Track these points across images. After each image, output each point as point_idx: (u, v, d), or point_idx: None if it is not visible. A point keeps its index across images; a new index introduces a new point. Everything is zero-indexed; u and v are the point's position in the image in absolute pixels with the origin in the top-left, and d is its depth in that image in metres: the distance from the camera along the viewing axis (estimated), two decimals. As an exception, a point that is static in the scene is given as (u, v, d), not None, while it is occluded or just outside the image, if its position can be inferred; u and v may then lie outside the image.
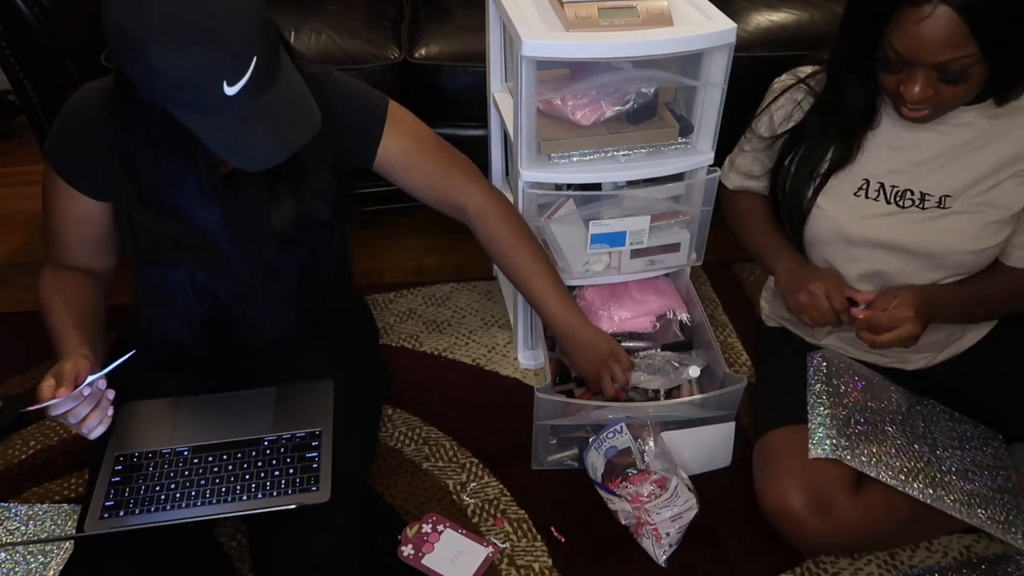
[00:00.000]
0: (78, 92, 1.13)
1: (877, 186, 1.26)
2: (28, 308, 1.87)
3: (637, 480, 1.33)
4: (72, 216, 1.17)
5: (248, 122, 0.95)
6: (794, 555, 1.33)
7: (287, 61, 1.01)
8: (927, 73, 1.08)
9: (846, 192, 1.27)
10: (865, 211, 1.26)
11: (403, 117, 1.27)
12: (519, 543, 1.37)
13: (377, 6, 2.06)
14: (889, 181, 1.25)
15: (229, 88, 0.91)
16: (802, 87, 1.31)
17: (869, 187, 1.26)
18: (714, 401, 1.40)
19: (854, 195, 1.27)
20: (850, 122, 1.25)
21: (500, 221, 1.33)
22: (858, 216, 1.26)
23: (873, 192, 1.26)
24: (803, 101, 1.31)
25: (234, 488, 1.15)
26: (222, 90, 0.91)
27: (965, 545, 1.35)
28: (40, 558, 1.30)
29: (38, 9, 1.73)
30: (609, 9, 1.30)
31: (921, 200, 1.23)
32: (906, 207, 1.24)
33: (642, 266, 1.57)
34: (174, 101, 0.93)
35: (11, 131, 2.55)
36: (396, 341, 1.79)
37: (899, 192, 1.24)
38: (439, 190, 1.31)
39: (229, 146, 0.97)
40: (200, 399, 1.27)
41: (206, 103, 0.92)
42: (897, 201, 1.25)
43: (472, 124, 1.90)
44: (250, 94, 0.93)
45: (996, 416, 1.38)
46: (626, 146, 1.44)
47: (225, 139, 0.96)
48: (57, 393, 0.99)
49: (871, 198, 1.26)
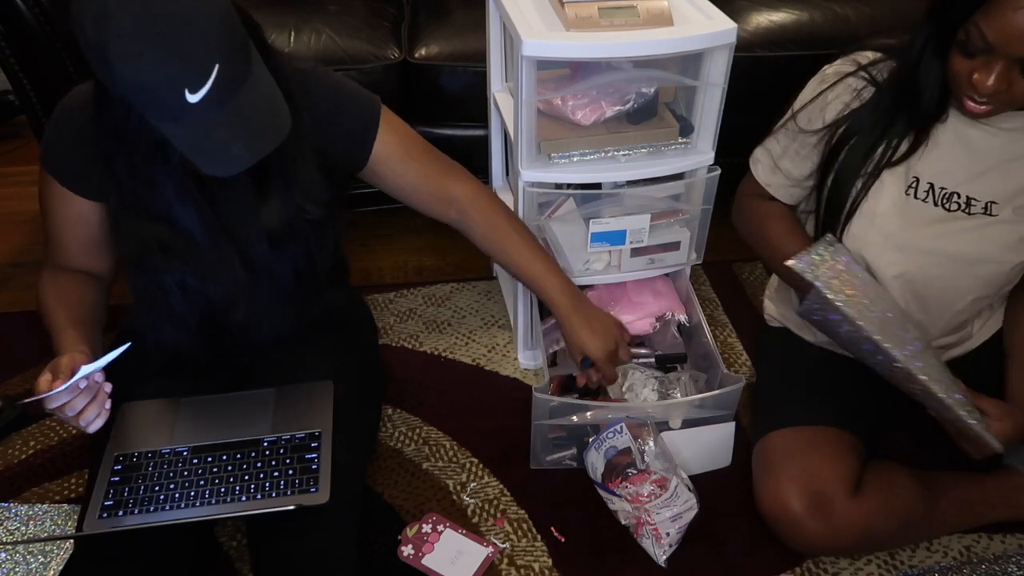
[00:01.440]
0: (69, 94, 1.14)
1: (927, 186, 1.21)
2: (28, 308, 1.86)
3: (637, 480, 1.33)
4: (68, 218, 1.17)
5: (213, 128, 0.95)
6: (794, 555, 1.33)
7: (259, 64, 1.00)
8: (1008, 65, 1.04)
9: (896, 190, 1.22)
10: (912, 212, 1.22)
11: (393, 117, 1.27)
12: (519, 543, 1.37)
13: (377, 6, 2.06)
14: (939, 182, 1.20)
15: (191, 96, 0.91)
16: (862, 75, 1.23)
17: (919, 186, 1.21)
18: (713, 401, 1.40)
19: (904, 194, 1.22)
20: (922, 112, 1.18)
21: (490, 208, 1.33)
22: (905, 217, 1.22)
23: (923, 192, 1.21)
24: (863, 90, 1.23)
25: (233, 489, 1.15)
26: (184, 97, 0.91)
27: (965, 545, 1.35)
28: (40, 558, 1.30)
29: (38, 9, 1.73)
30: (609, 9, 1.30)
31: (967, 205, 1.20)
32: (952, 211, 1.20)
33: (642, 265, 1.57)
34: (141, 105, 0.94)
35: (11, 131, 2.55)
36: (396, 341, 1.79)
37: (947, 195, 1.20)
38: (430, 186, 1.31)
39: (196, 151, 0.97)
40: (200, 400, 1.27)
41: (169, 109, 0.92)
42: (944, 204, 1.21)
43: (472, 124, 1.90)
44: (214, 101, 0.93)
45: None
46: (626, 146, 1.44)
47: (192, 144, 0.96)
48: (53, 385, 0.99)
49: (920, 199, 1.22)
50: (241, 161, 0.98)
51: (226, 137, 0.96)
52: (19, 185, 2.35)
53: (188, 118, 0.93)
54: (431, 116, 1.96)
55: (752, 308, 1.83)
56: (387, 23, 2.00)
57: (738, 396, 1.40)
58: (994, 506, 1.32)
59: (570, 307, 1.31)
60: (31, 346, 1.74)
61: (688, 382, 1.48)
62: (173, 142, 0.96)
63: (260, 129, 0.99)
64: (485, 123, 1.79)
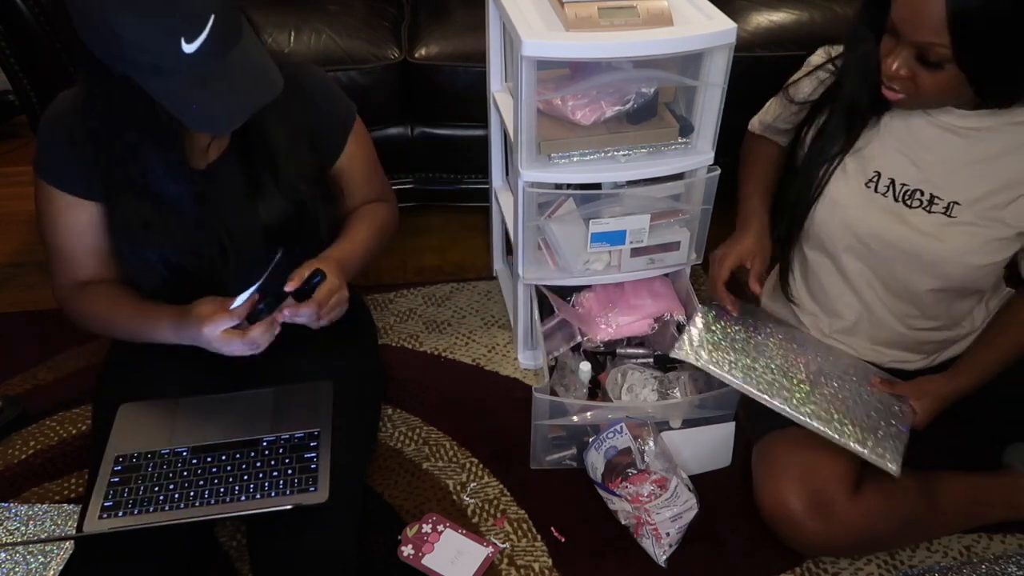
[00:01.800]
0: (51, 105, 1.15)
1: (888, 181, 1.24)
2: (28, 308, 1.87)
3: (637, 480, 1.33)
4: (77, 227, 1.18)
5: (208, 82, 0.97)
6: (794, 555, 1.33)
7: (248, 30, 1.04)
8: (909, 52, 1.08)
9: (856, 181, 1.26)
10: (871, 204, 1.25)
11: (365, 132, 1.34)
12: (519, 543, 1.37)
13: (377, 6, 2.06)
14: (900, 178, 1.23)
15: (188, 45, 0.94)
16: (829, 67, 1.30)
17: (880, 181, 1.25)
18: (712, 401, 1.40)
19: (864, 186, 1.26)
20: (856, 101, 1.22)
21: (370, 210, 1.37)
22: (863, 208, 1.25)
23: (883, 187, 1.25)
24: (826, 80, 1.31)
25: (233, 489, 1.15)
26: (180, 47, 0.94)
27: (965, 545, 1.35)
28: (40, 558, 1.30)
29: (38, 9, 1.73)
30: (609, 9, 1.29)
31: (930, 203, 1.21)
32: (912, 207, 1.23)
33: (642, 265, 1.57)
34: (137, 65, 0.96)
35: (11, 131, 2.55)
36: (396, 341, 1.79)
37: (908, 191, 1.23)
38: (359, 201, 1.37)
39: (189, 109, 0.99)
40: (199, 400, 1.27)
41: (167, 63, 0.95)
42: (905, 200, 1.23)
43: (472, 124, 1.90)
44: (209, 53, 0.96)
45: (996, 416, 1.38)
46: (626, 146, 1.44)
47: (185, 101, 0.98)
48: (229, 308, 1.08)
49: (880, 192, 1.25)
50: (236, 117, 1.01)
51: (222, 89, 0.98)
52: (19, 185, 2.35)
53: (183, 70, 0.96)
54: (431, 116, 1.96)
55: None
56: (387, 23, 2.00)
57: (738, 396, 1.40)
58: (994, 506, 1.32)
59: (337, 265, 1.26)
60: (31, 346, 1.75)
61: (688, 382, 1.48)
62: (166, 101, 0.98)
63: (253, 86, 1.02)
64: (485, 123, 1.78)
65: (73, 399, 1.63)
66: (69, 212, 1.17)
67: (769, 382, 1.28)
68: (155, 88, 0.97)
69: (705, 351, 1.31)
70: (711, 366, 1.29)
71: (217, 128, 1.02)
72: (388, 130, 1.95)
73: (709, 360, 1.30)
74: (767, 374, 1.28)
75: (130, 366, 1.31)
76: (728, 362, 1.29)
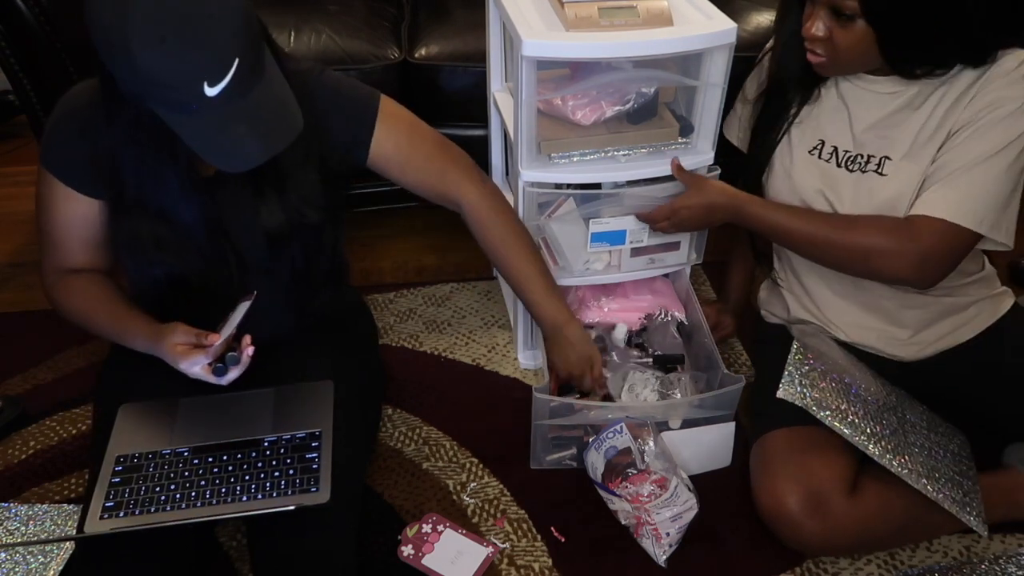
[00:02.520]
0: (68, 93, 1.14)
1: (831, 149, 1.30)
2: (28, 308, 1.87)
3: (637, 480, 1.33)
4: (71, 218, 1.18)
5: (228, 123, 0.95)
6: (794, 555, 1.33)
7: (271, 62, 1.01)
8: (826, 12, 1.15)
9: (801, 150, 1.33)
10: (818, 171, 1.31)
11: (395, 111, 1.27)
12: (519, 543, 1.37)
13: (377, 6, 2.06)
14: (841, 145, 1.29)
15: (210, 89, 0.92)
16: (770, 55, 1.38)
17: (823, 148, 1.31)
18: (712, 401, 1.40)
19: (808, 153, 1.32)
20: (789, 73, 1.31)
21: (495, 218, 1.34)
22: (812, 175, 1.32)
23: (826, 154, 1.31)
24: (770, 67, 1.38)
25: (234, 489, 1.15)
26: (203, 90, 0.91)
27: (965, 545, 1.35)
28: (40, 558, 1.30)
29: (38, 9, 1.73)
30: (609, 9, 1.30)
31: (866, 163, 1.27)
32: (852, 171, 1.28)
33: (642, 264, 1.57)
34: (155, 98, 0.94)
35: (11, 131, 2.55)
36: (396, 341, 1.79)
37: (850, 157, 1.29)
38: (433, 185, 1.32)
39: (208, 146, 0.97)
40: (200, 400, 1.27)
41: (187, 103, 0.93)
42: (848, 165, 1.29)
43: (472, 124, 1.90)
44: (231, 95, 0.93)
45: (991, 415, 1.38)
46: (626, 146, 1.44)
47: (205, 139, 0.96)
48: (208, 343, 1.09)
49: (824, 159, 1.31)
50: (254, 158, 0.99)
51: (240, 133, 0.96)
52: (19, 185, 2.35)
53: (204, 112, 0.94)
54: (431, 116, 1.93)
55: (752, 308, 1.83)
56: (387, 23, 2.00)
57: (738, 396, 1.40)
58: (994, 506, 1.32)
59: (552, 331, 1.37)
60: (31, 346, 1.75)
61: (688, 383, 1.48)
62: (185, 136, 0.96)
63: (273, 127, 1.00)
64: (485, 123, 1.79)
65: (73, 399, 1.63)
66: (67, 204, 1.17)
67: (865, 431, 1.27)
68: (176, 123, 0.96)
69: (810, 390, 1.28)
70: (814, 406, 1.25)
71: (235, 167, 1.00)
72: (388, 130, 1.95)
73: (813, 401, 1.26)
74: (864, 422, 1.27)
75: (131, 366, 1.31)
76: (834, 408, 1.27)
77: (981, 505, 1.28)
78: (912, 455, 1.26)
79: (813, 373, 1.29)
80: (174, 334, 1.11)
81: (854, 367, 1.36)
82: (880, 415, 1.29)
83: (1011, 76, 1.15)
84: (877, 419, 1.27)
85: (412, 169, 1.29)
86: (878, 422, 1.27)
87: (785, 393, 1.25)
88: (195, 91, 0.91)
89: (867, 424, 1.25)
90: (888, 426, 1.28)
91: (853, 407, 1.27)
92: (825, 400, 1.25)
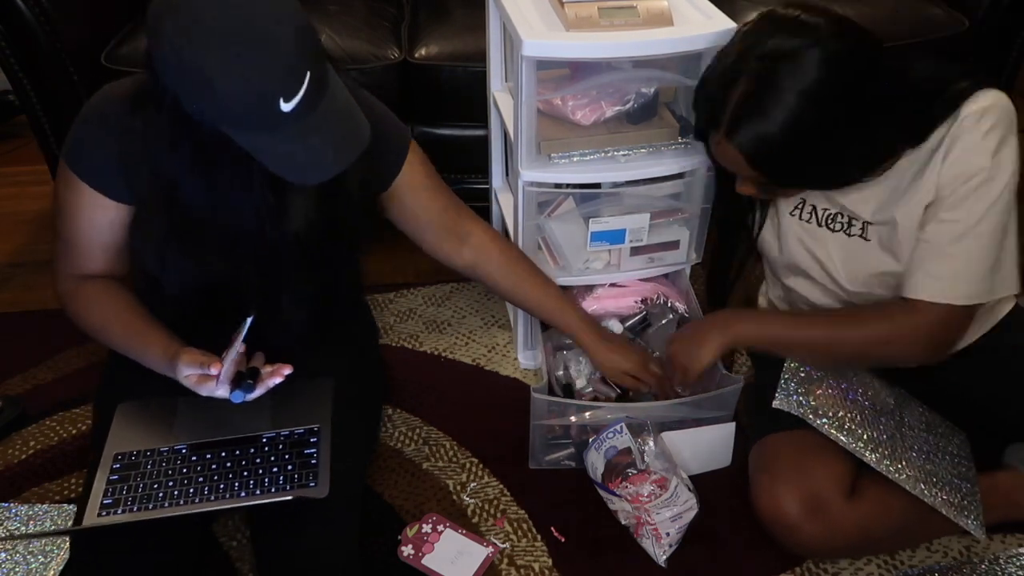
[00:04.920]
0: (97, 96, 1.12)
1: (811, 208, 1.30)
2: (28, 308, 1.87)
3: (637, 480, 1.33)
4: (98, 223, 1.16)
5: (303, 137, 0.95)
6: (794, 555, 1.33)
7: (333, 73, 1.01)
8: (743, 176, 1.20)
9: (785, 210, 1.33)
10: (801, 231, 1.32)
11: (420, 150, 1.31)
12: (519, 543, 1.37)
13: (377, 6, 2.07)
14: (819, 204, 1.29)
15: (285, 104, 0.92)
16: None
17: (804, 207, 1.31)
18: (711, 401, 1.40)
19: (791, 214, 1.32)
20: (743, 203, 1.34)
21: (507, 248, 1.40)
22: (793, 235, 1.32)
23: (806, 214, 1.30)
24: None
25: (232, 485, 1.15)
26: (279, 106, 0.91)
27: (965, 545, 1.35)
28: (40, 558, 1.30)
29: (38, 9, 1.74)
30: (609, 9, 1.30)
31: (848, 224, 1.26)
32: (835, 230, 1.28)
33: (642, 264, 1.57)
34: (231, 121, 0.94)
35: (11, 131, 2.55)
36: (396, 341, 1.79)
37: (829, 215, 1.28)
38: (447, 220, 1.35)
39: (284, 162, 0.97)
40: (199, 398, 1.26)
41: (264, 121, 0.93)
42: (829, 224, 1.28)
43: (472, 124, 1.90)
44: (304, 108, 0.93)
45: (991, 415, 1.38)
46: (626, 146, 1.44)
47: (280, 155, 0.96)
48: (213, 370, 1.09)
49: (805, 219, 1.30)
50: (330, 168, 0.99)
51: (316, 145, 0.96)
52: (19, 185, 2.35)
53: (281, 128, 0.93)
54: (431, 116, 1.96)
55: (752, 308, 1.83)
56: (387, 23, 2.00)
57: (736, 396, 1.40)
58: (994, 506, 1.32)
59: (596, 335, 1.41)
60: (31, 346, 1.75)
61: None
62: (259, 155, 0.96)
63: (345, 135, 1.00)
64: (485, 123, 1.79)
65: (73, 399, 1.63)
66: (93, 208, 1.15)
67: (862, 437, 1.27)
68: (251, 144, 0.96)
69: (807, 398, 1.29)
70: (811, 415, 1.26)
71: (311, 180, 1.00)
72: (388, 130, 1.95)
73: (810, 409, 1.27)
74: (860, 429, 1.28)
75: (132, 365, 1.30)
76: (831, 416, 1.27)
77: (980, 507, 1.27)
78: (909, 460, 1.26)
79: (809, 380, 1.30)
80: (183, 367, 1.11)
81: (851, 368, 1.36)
82: (877, 419, 1.29)
83: (976, 140, 1.11)
84: (874, 424, 1.27)
85: (431, 198, 1.32)
86: (875, 427, 1.27)
87: (781, 403, 1.26)
88: (272, 109, 0.91)
89: (864, 430, 1.25)
90: (885, 431, 1.28)
91: (850, 413, 1.27)
92: (821, 407, 1.26)
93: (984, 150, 1.11)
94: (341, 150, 0.99)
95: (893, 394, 1.36)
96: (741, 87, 1.10)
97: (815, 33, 1.08)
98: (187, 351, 1.12)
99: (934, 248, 1.17)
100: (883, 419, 1.29)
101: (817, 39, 1.06)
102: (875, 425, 1.27)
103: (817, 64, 1.05)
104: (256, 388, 1.12)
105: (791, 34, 1.08)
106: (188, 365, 1.10)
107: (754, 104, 1.08)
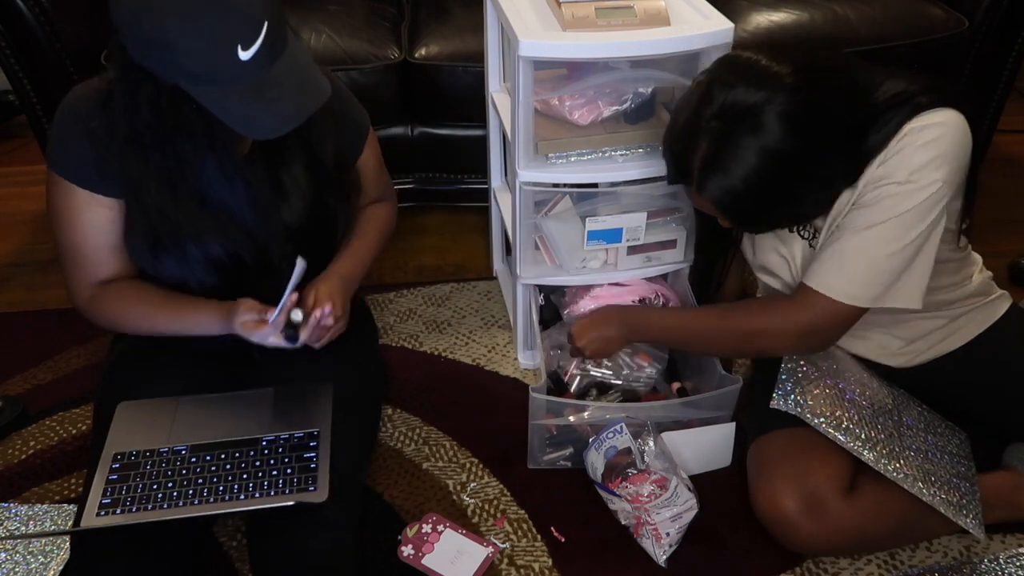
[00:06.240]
0: (68, 97, 1.15)
1: None
2: (28, 308, 1.87)
3: (637, 480, 1.33)
4: (99, 223, 1.17)
5: (263, 89, 1.00)
6: (794, 555, 1.32)
7: (293, 36, 1.07)
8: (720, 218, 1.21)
9: None
10: (771, 239, 1.32)
11: (375, 135, 1.38)
12: (519, 543, 1.37)
13: (377, 6, 2.07)
14: None
15: (244, 52, 0.97)
16: None
17: None
18: (710, 401, 1.40)
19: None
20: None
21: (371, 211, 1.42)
22: (765, 240, 1.33)
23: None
24: None
25: (231, 487, 1.15)
26: (237, 55, 0.96)
27: (965, 545, 1.35)
28: (40, 558, 1.30)
29: (38, 9, 1.74)
30: (606, 9, 1.30)
31: (813, 234, 1.27)
32: (804, 237, 1.29)
33: (639, 263, 1.56)
34: (193, 76, 0.98)
35: (11, 131, 2.56)
36: (396, 341, 1.79)
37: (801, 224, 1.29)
38: (374, 199, 1.42)
39: (244, 117, 1.02)
40: (199, 399, 1.27)
41: (223, 71, 0.97)
42: (799, 230, 1.29)
43: (471, 124, 1.91)
44: (263, 60, 0.99)
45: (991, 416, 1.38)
46: (624, 146, 1.44)
47: (240, 109, 1.01)
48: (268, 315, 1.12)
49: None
50: (288, 122, 1.04)
51: (276, 96, 1.01)
52: (19, 185, 2.35)
53: (240, 78, 0.98)
54: (430, 116, 1.96)
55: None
56: (387, 23, 2.00)
57: (735, 397, 1.40)
58: (994, 506, 1.32)
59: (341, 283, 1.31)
60: (31, 346, 1.75)
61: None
62: (220, 110, 1.00)
63: (304, 91, 1.05)
64: (484, 123, 1.79)
65: (73, 399, 1.63)
66: (89, 209, 1.16)
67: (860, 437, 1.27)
68: (208, 96, 1.00)
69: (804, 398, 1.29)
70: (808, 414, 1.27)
71: (270, 134, 1.04)
72: (388, 130, 1.96)
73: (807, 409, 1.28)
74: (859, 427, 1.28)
75: (132, 365, 1.31)
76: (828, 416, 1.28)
77: (979, 507, 1.27)
78: (908, 459, 1.26)
79: (807, 380, 1.30)
80: (241, 312, 1.15)
81: (850, 368, 1.36)
82: (875, 419, 1.29)
83: (909, 152, 1.10)
84: (872, 423, 1.27)
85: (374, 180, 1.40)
86: (873, 427, 1.27)
87: (778, 403, 1.26)
88: (230, 58, 0.96)
89: (862, 429, 1.25)
90: (883, 430, 1.28)
91: (847, 413, 1.27)
92: (819, 407, 1.26)
93: (912, 163, 1.10)
94: (300, 105, 1.04)
95: (892, 395, 1.36)
96: (703, 147, 1.11)
97: (777, 83, 1.07)
98: (245, 300, 1.17)
99: (835, 242, 1.18)
100: (881, 419, 1.29)
101: (778, 91, 1.06)
102: (873, 424, 1.27)
103: (776, 120, 1.06)
104: (300, 335, 1.17)
105: (751, 85, 1.08)
106: (248, 311, 1.14)
107: (717, 163, 1.11)
